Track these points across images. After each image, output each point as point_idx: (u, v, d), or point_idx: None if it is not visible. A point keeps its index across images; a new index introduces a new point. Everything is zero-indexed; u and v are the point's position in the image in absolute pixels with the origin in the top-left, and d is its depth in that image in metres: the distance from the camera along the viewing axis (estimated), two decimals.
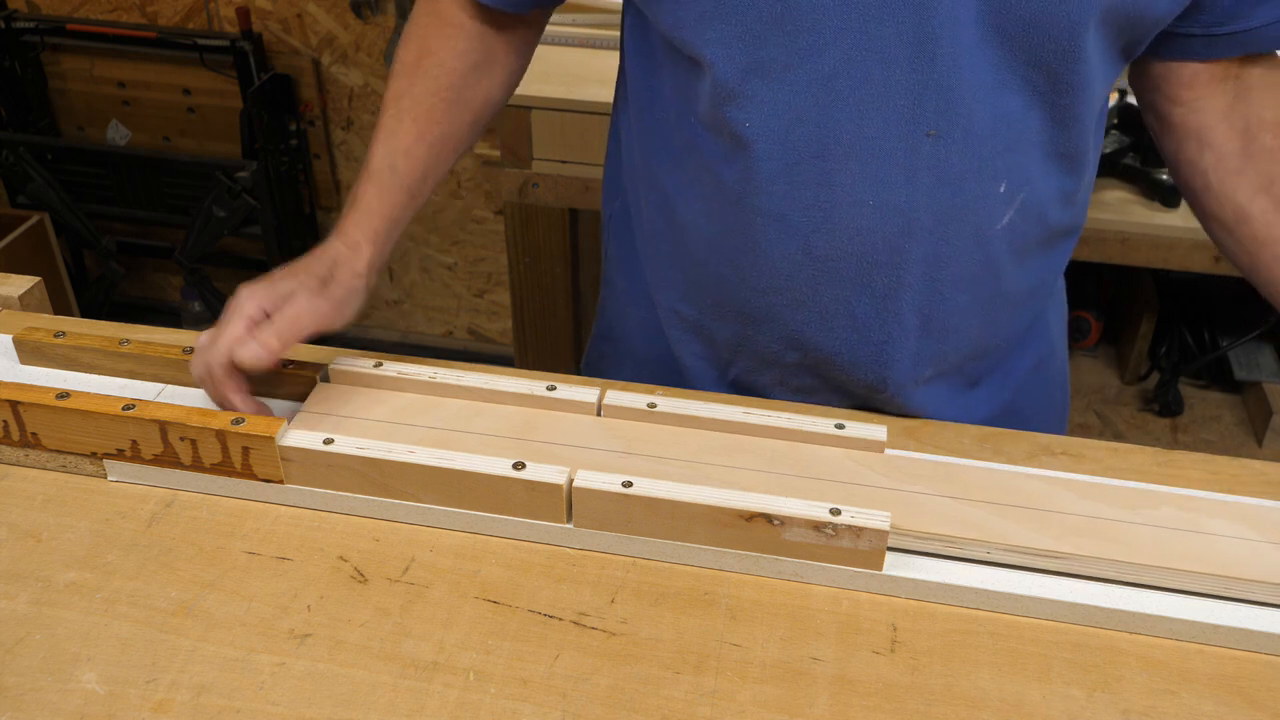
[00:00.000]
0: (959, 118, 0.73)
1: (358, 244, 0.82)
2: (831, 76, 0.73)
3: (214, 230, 2.41)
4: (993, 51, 0.72)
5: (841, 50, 0.72)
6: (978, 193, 0.77)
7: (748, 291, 0.84)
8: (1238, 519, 0.71)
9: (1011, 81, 0.73)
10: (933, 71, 0.71)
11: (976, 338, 0.86)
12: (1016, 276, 0.84)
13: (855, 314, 0.82)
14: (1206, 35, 0.79)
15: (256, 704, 0.61)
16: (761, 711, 0.61)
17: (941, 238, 0.78)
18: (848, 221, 0.77)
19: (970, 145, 0.74)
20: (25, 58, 2.45)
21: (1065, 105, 0.75)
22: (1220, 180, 0.83)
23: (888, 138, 0.74)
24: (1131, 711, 0.62)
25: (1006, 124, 0.75)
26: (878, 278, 0.80)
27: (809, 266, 0.80)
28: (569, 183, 1.72)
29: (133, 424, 0.73)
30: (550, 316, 1.94)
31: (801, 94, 0.74)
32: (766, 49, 0.73)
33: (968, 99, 0.73)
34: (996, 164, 0.76)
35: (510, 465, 0.70)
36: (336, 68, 2.39)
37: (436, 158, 0.87)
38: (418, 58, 0.87)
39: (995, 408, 0.92)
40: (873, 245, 0.78)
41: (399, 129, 0.86)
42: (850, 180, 0.76)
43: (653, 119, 0.87)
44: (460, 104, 0.88)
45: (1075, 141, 0.78)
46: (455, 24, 0.87)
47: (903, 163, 0.75)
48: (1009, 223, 0.79)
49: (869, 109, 0.73)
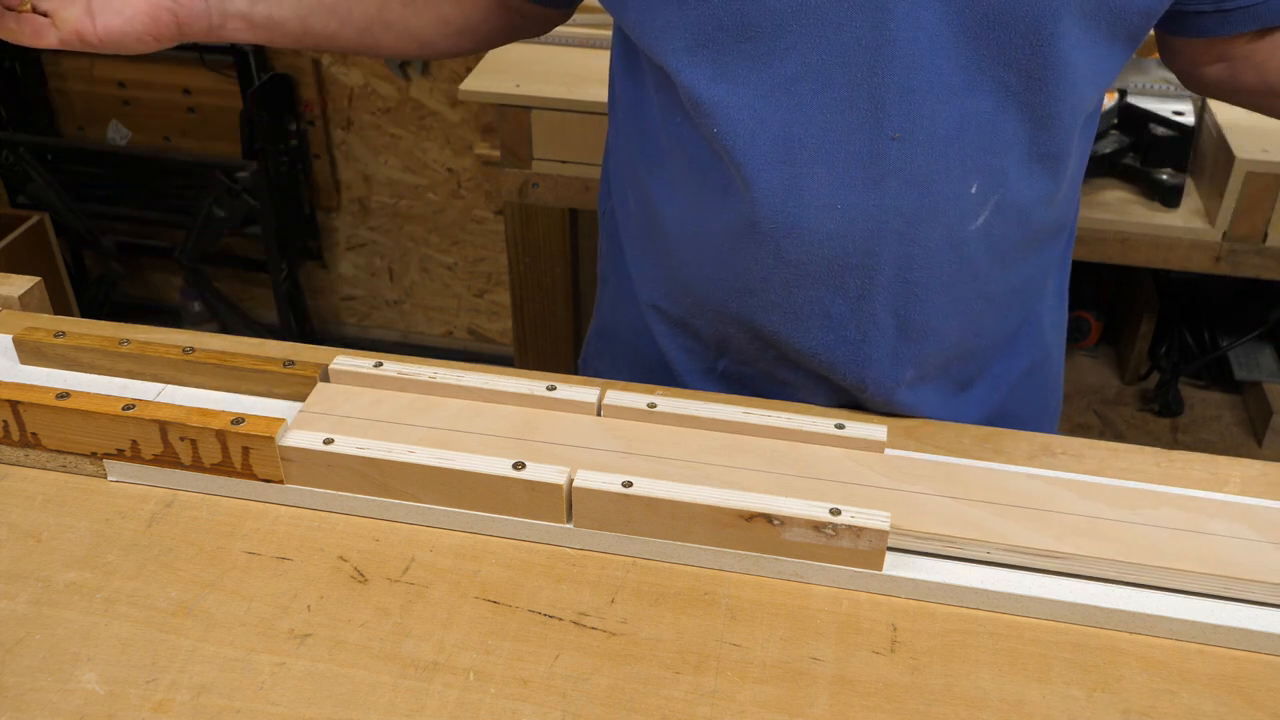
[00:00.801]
0: (922, 119, 0.73)
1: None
2: (793, 81, 0.73)
3: (214, 230, 2.41)
4: (960, 53, 0.71)
5: (802, 55, 0.72)
6: (947, 194, 0.76)
7: (725, 292, 0.84)
8: (1238, 519, 0.71)
9: (981, 82, 0.73)
10: (892, 74, 0.71)
11: (958, 339, 0.85)
12: (999, 278, 0.83)
13: (830, 315, 0.82)
14: (1218, 11, 0.79)
15: (256, 704, 0.61)
16: (761, 711, 0.61)
17: (912, 240, 0.77)
18: (816, 226, 0.77)
19: (936, 147, 0.74)
20: (25, 58, 2.45)
21: (1041, 104, 0.74)
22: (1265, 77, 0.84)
23: (852, 141, 0.74)
24: (1131, 711, 0.62)
25: (975, 125, 0.74)
26: (850, 280, 0.80)
27: (780, 270, 0.80)
28: (569, 183, 1.72)
29: (133, 424, 0.73)
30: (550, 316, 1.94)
31: (764, 100, 0.74)
32: (728, 56, 0.74)
33: (930, 101, 0.72)
34: (966, 165, 0.75)
35: (510, 465, 0.70)
36: (336, 68, 2.38)
37: None
38: None
39: (986, 410, 0.92)
40: (843, 249, 0.78)
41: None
42: (817, 185, 0.76)
43: (637, 120, 0.87)
44: None
45: (1057, 142, 0.77)
46: None
47: (869, 166, 0.75)
48: (984, 224, 0.79)
49: (832, 113, 0.74)
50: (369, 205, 2.57)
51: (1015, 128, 0.75)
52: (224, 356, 0.81)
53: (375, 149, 2.48)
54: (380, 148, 2.47)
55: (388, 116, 2.42)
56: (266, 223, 2.38)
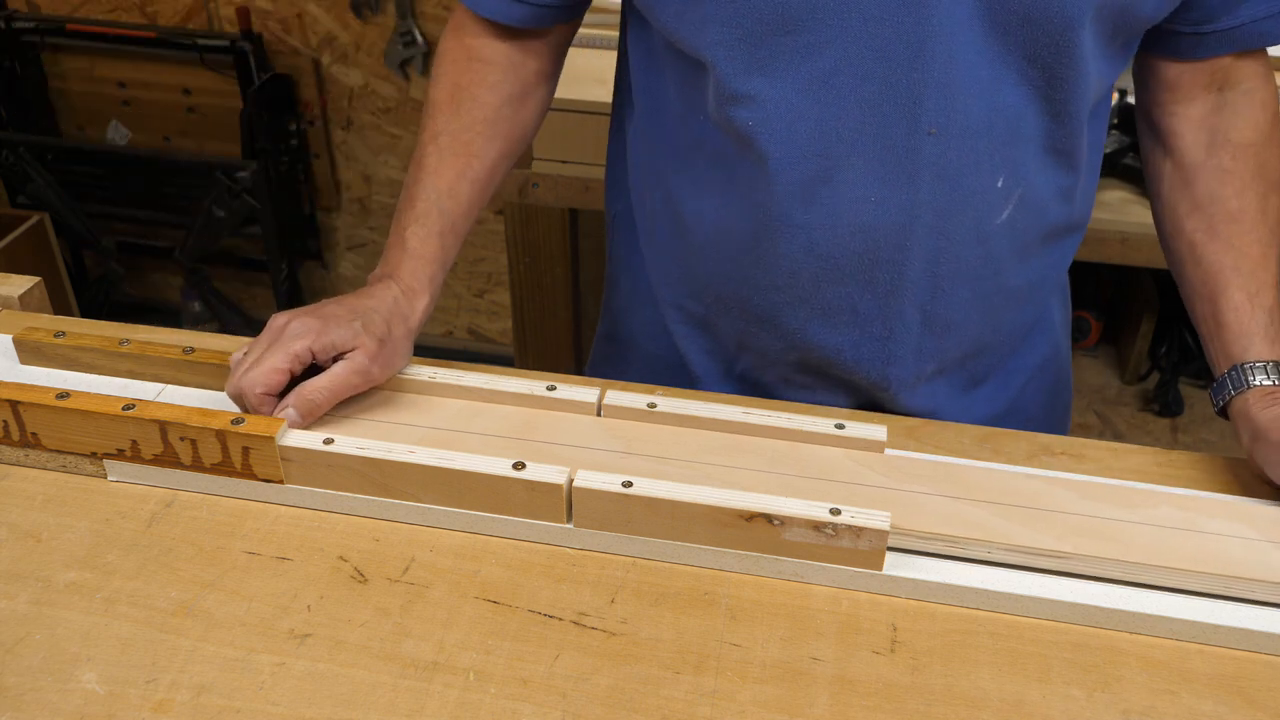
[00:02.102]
0: (957, 114, 0.74)
1: (414, 291, 0.80)
2: (832, 75, 0.74)
3: (214, 230, 2.41)
4: (989, 47, 0.72)
5: (841, 49, 0.72)
6: (976, 188, 0.77)
7: (750, 289, 0.85)
8: (1238, 519, 0.71)
9: (1008, 76, 0.74)
10: (931, 69, 0.72)
11: (978, 334, 0.86)
12: (1018, 272, 0.84)
13: (858, 311, 0.82)
14: (1195, 34, 0.80)
15: (256, 704, 0.61)
16: (761, 711, 0.61)
17: (942, 233, 0.78)
18: (851, 218, 0.78)
19: (968, 141, 0.75)
20: (25, 58, 2.45)
21: (1060, 100, 0.75)
22: (1170, 190, 0.84)
23: (889, 135, 0.75)
24: (1131, 711, 0.62)
25: (1003, 119, 0.75)
26: (880, 274, 0.80)
27: (812, 264, 0.81)
28: (569, 183, 1.71)
29: (133, 424, 0.73)
30: (550, 316, 1.94)
31: (803, 93, 0.75)
32: (767, 49, 0.74)
33: (965, 95, 0.73)
34: (995, 159, 0.76)
35: (510, 465, 0.70)
36: (336, 68, 2.38)
37: (479, 193, 0.86)
38: (451, 94, 0.87)
39: (1000, 406, 0.92)
40: (875, 242, 0.78)
41: (441, 167, 0.84)
42: (852, 177, 0.76)
43: (657, 119, 0.87)
44: (498, 137, 0.87)
45: (1071, 137, 0.78)
46: (485, 59, 0.87)
47: (904, 160, 0.75)
48: (1008, 218, 0.80)
49: (870, 107, 0.74)
50: (369, 205, 2.56)
51: (1036, 122, 0.76)
52: (224, 356, 0.81)
53: (375, 149, 2.47)
54: (380, 148, 2.47)
55: (388, 116, 2.42)
56: (266, 223, 2.38)
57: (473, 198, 0.86)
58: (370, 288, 0.80)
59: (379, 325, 0.76)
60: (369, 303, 0.78)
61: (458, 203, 0.84)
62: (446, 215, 0.83)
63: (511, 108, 0.88)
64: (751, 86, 0.76)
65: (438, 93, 0.87)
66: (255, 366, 0.73)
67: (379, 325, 0.76)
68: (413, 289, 0.81)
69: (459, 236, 0.85)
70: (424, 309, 0.81)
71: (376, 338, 0.75)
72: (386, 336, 0.76)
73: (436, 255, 0.82)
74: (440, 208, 0.83)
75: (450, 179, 0.84)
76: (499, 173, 0.88)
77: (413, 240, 0.82)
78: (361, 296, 0.78)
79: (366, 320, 0.76)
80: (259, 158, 2.34)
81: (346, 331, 0.75)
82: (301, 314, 0.75)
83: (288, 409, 0.73)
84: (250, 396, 0.72)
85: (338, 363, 0.75)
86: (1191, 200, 0.82)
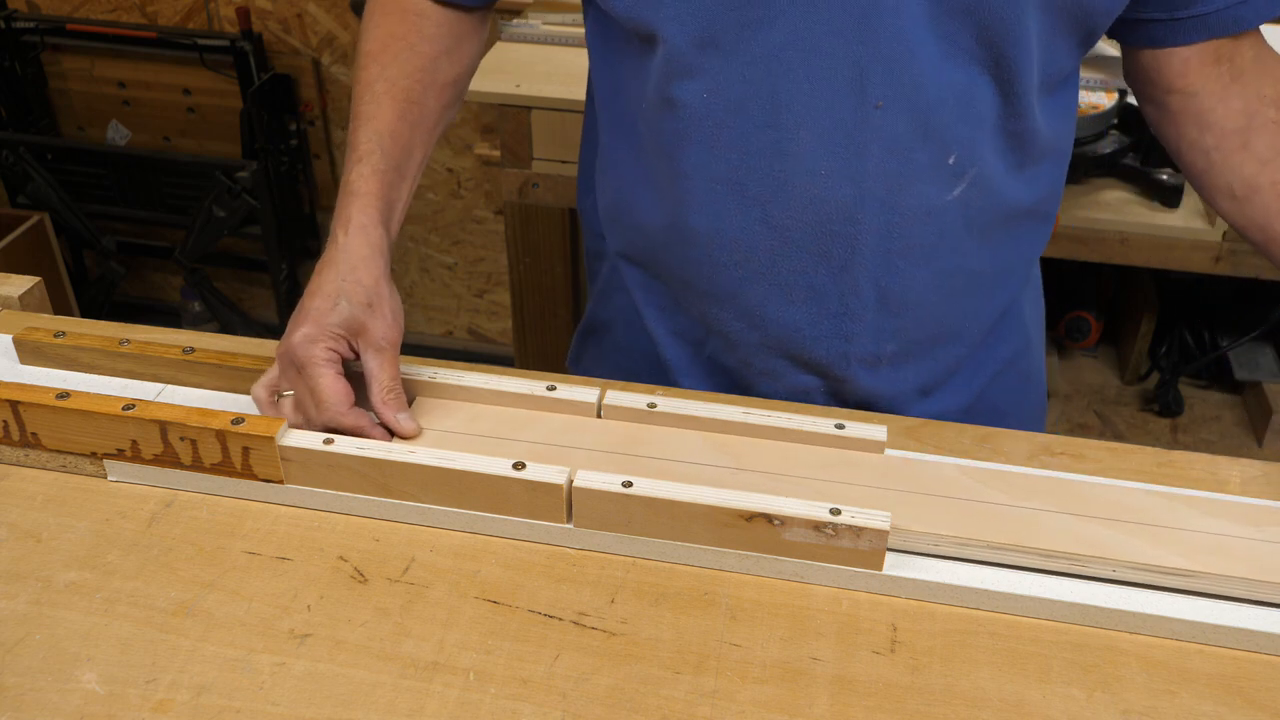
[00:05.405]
0: (905, 88, 0.75)
1: (364, 228, 0.79)
2: (781, 48, 0.75)
3: (214, 230, 2.41)
4: (938, 24, 0.74)
5: (790, 22, 0.74)
6: (927, 163, 0.78)
7: (710, 268, 0.86)
8: (1238, 519, 0.71)
9: (956, 55, 0.75)
10: (878, 44, 0.74)
11: (939, 316, 0.87)
12: (978, 256, 0.85)
13: (814, 285, 0.83)
14: (1170, 20, 0.81)
15: (256, 704, 0.61)
16: (761, 711, 0.61)
17: (892, 208, 0.79)
18: (802, 189, 0.79)
19: (917, 116, 0.76)
20: (25, 58, 2.45)
21: (1008, 81, 0.77)
22: (1224, 157, 0.84)
23: (837, 108, 0.76)
24: (1131, 711, 0.62)
25: (954, 96, 0.76)
26: (834, 248, 0.81)
27: (768, 236, 0.82)
28: (569, 183, 1.72)
29: (133, 424, 0.73)
30: (550, 316, 1.94)
31: (753, 65, 0.76)
32: (718, 23, 0.76)
33: (913, 71, 0.75)
34: (945, 135, 0.78)
35: (510, 465, 0.70)
36: (336, 68, 2.39)
37: (418, 137, 0.86)
38: (384, 44, 0.87)
39: (968, 398, 0.93)
40: (827, 214, 0.80)
41: (378, 112, 0.84)
42: (802, 149, 0.78)
43: (616, 107, 0.89)
44: (435, 86, 0.88)
45: (1022, 119, 0.79)
46: (418, 10, 0.88)
47: (853, 133, 0.77)
48: (961, 196, 0.81)
49: (818, 80, 0.75)
50: None
51: (988, 101, 0.78)
52: (224, 356, 0.81)
53: None
54: None
55: None
56: (266, 223, 2.38)
57: (412, 139, 0.85)
58: (324, 257, 0.80)
59: (359, 294, 0.76)
60: (332, 277, 0.77)
61: (398, 143, 0.84)
62: (389, 155, 0.83)
63: (447, 59, 0.89)
64: (703, 60, 0.77)
65: (369, 44, 0.87)
66: (319, 395, 0.73)
67: (359, 294, 0.76)
68: (364, 226, 0.79)
69: (405, 176, 0.84)
70: (379, 241, 0.79)
71: (363, 304, 0.76)
72: (372, 298, 0.77)
73: (381, 191, 0.82)
74: (382, 147, 0.83)
75: (390, 120, 0.84)
76: (438, 120, 0.88)
77: (356, 181, 0.81)
78: (323, 274, 0.78)
79: (348, 296, 0.76)
80: (259, 158, 2.34)
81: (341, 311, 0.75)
82: (297, 326, 0.75)
83: (405, 422, 0.75)
84: (347, 423, 0.73)
85: (367, 356, 0.75)
86: (1257, 160, 0.83)
